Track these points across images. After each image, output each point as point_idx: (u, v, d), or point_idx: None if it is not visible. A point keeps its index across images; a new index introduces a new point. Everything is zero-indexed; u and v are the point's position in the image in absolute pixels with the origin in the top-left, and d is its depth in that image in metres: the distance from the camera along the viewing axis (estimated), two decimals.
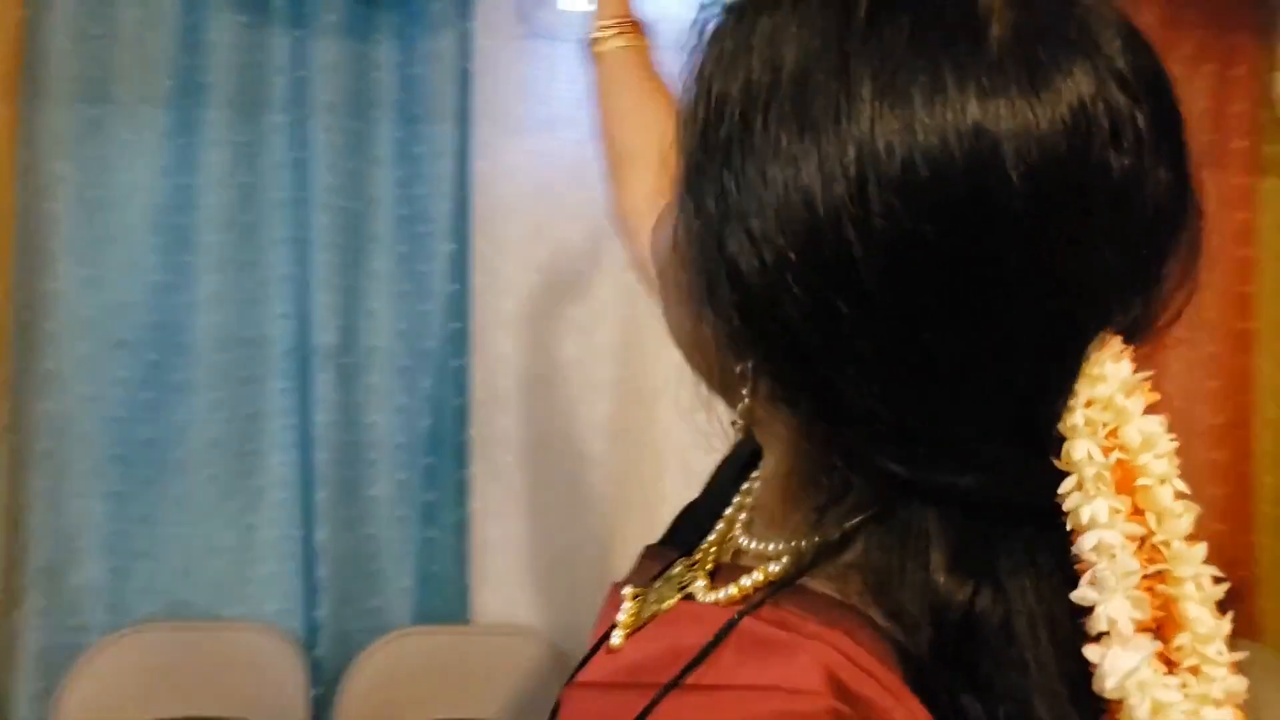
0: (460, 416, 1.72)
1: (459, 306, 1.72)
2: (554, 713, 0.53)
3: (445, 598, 1.72)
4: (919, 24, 0.38)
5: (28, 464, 1.64)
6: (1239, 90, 1.89)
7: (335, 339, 1.67)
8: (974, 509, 0.40)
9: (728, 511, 0.58)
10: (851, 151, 0.37)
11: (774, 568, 0.46)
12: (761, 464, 0.53)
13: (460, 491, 1.72)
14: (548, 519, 1.74)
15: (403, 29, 1.70)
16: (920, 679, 0.38)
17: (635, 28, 0.95)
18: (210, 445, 1.69)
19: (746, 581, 0.46)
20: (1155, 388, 0.41)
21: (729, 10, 0.43)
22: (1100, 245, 0.38)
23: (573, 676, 0.53)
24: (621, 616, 0.52)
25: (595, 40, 0.95)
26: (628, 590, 0.54)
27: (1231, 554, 1.89)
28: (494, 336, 1.75)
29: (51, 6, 1.62)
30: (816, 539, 0.44)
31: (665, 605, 0.51)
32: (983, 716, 0.38)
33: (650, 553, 0.61)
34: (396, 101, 1.70)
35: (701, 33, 0.44)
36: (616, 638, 0.51)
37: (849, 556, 0.43)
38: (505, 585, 1.74)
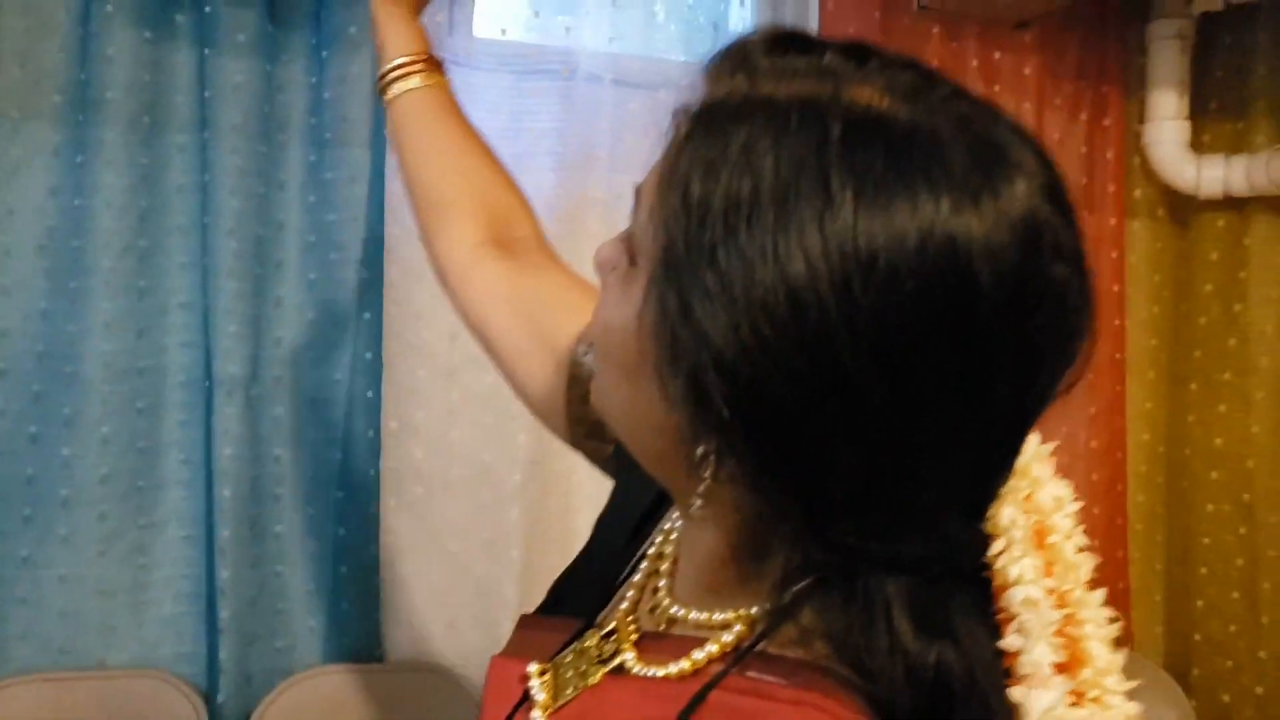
0: (372, 449, 1.67)
1: (371, 336, 1.68)
2: None
3: (357, 636, 1.66)
4: (890, 145, 0.41)
5: None
6: (1110, 138, 2.04)
7: (241, 369, 1.60)
8: (927, 574, 0.43)
9: (636, 578, 0.57)
10: (837, 255, 0.40)
11: (727, 637, 0.48)
12: (684, 533, 0.55)
13: (372, 527, 1.67)
14: (462, 554, 1.71)
15: (315, 51, 1.66)
16: None
17: (432, 65, 0.91)
18: (101, 481, 1.59)
19: (700, 654, 0.48)
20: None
21: (698, 118, 0.45)
22: (1049, 340, 0.43)
23: None
24: (538, 695, 0.52)
25: (388, 82, 0.90)
26: (534, 667, 0.54)
27: (1107, 569, 2.02)
28: (407, 366, 1.71)
29: None
30: (768, 605, 0.46)
31: (591, 680, 0.51)
32: None
33: (531, 623, 0.61)
34: (307, 125, 1.66)
35: (674, 135, 0.46)
36: (538, 717, 0.51)
37: (807, 622, 0.45)
38: (419, 623, 1.69)
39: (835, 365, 0.40)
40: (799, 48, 0.46)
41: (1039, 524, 0.44)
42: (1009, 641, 0.43)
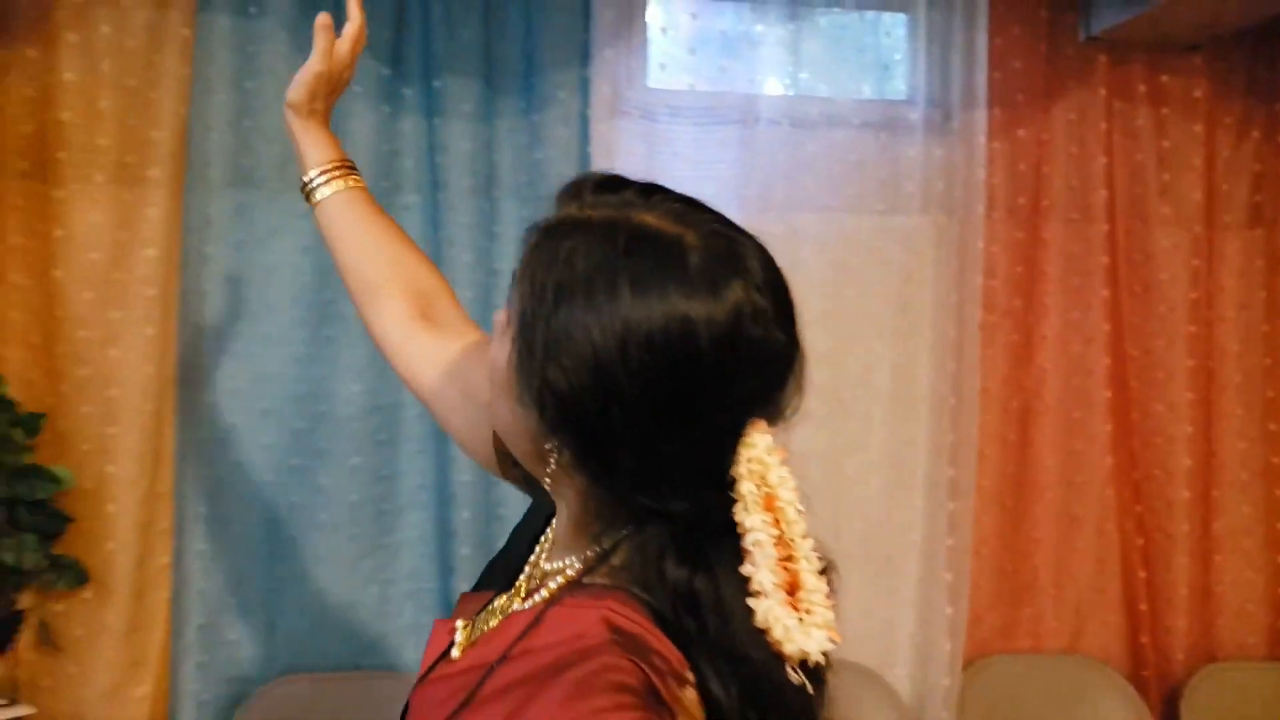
0: None
1: None
2: (404, 713, 0.71)
3: None
4: (655, 253, 0.62)
5: (187, 528, 1.76)
6: None
7: None
8: (691, 525, 0.64)
9: (532, 558, 0.78)
10: (618, 325, 0.61)
11: (571, 573, 0.69)
12: (556, 513, 0.75)
13: None
14: None
15: (525, 115, 1.83)
16: (666, 626, 0.62)
17: (348, 168, 1.03)
18: (351, 506, 1.80)
19: (553, 585, 0.69)
20: None
21: (544, 231, 0.67)
22: (751, 376, 0.63)
23: (416, 686, 0.72)
24: (458, 639, 0.72)
25: (311, 189, 1.02)
26: (460, 623, 0.74)
27: None
28: None
29: (210, 100, 1.74)
30: (597, 550, 0.68)
31: (493, 624, 0.71)
32: (705, 643, 0.62)
33: (467, 597, 0.81)
34: (519, 182, 1.83)
35: (529, 241, 0.67)
36: (455, 652, 0.71)
37: (617, 561, 0.67)
38: None
39: (617, 394, 0.61)
40: (612, 186, 0.67)
41: (769, 494, 0.61)
42: (745, 569, 0.60)
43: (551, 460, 0.66)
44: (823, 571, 0.63)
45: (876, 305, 1.98)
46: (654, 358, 0.60)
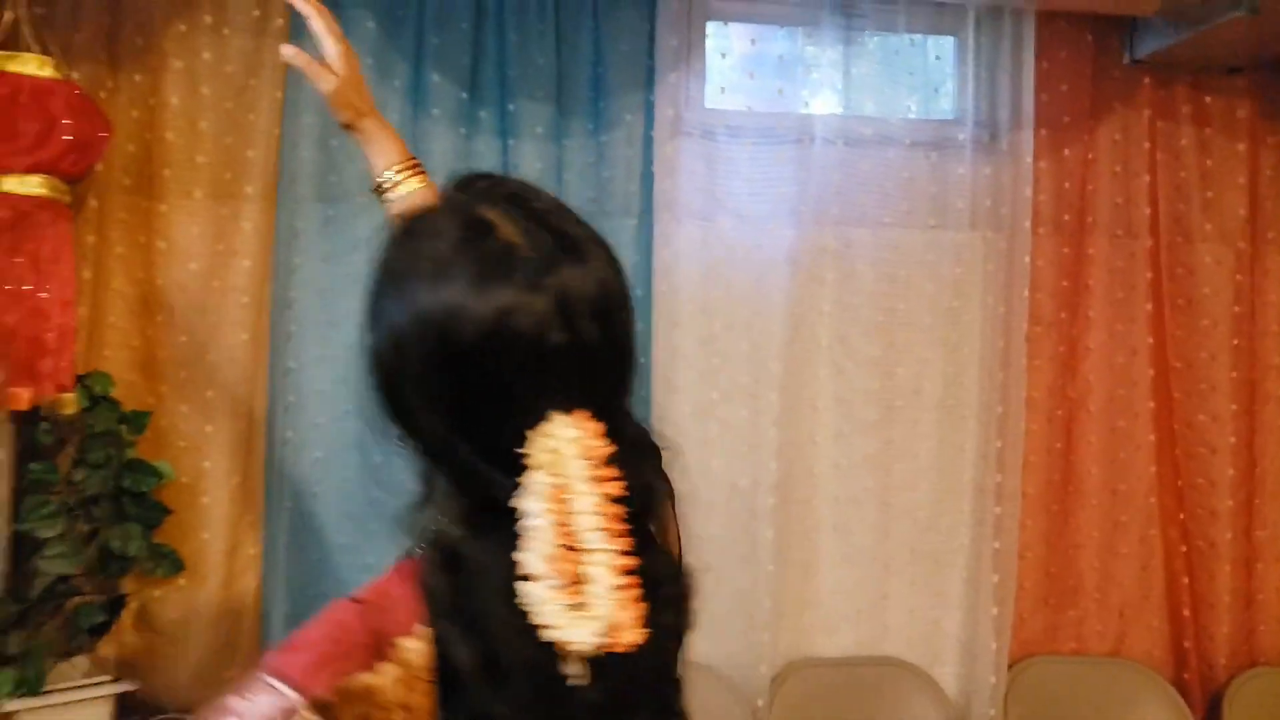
0: None
1: (642, 377, 1.94)
2: None
3: None
4: (464, 245, 0.66)
5: (275, 520, 1.87)
6: None
7: None
8: (486, 503, 0.66)
9: None
10: (412, 313, 0.65)
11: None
12: None
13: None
14: (720, 567, 1.95)
15: (593, 136, 1.94)
16: (423, 582, 0.67)
17: (415, 166, 1.06)
18: None
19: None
20: None
21: (410, 216, 0.71)
22: (526, 371, 0.65)
23: None
24: None
25: (384, 188, 1.05)
26: None
27: None
28: (671, 403, 1.97)
29: (300, 122, 1.87)
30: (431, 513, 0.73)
31: None
32: (451, 606, 0.65)
33: None
34: (587, 199, 1.93)
35: (389, 237, 0.72)
36: None
37: (433, 524, 0.71)
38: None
39: (408, 373, 0.65)
40: (491, 181, 0.71)
41: (560, 486, 0.64)
42: (518, 556, 0.63)
43: (391, 430, 0.70)
44: (644, 573, 0.64)
45: (927, 317, 2.06)
46: (431, 343, 0.64)
